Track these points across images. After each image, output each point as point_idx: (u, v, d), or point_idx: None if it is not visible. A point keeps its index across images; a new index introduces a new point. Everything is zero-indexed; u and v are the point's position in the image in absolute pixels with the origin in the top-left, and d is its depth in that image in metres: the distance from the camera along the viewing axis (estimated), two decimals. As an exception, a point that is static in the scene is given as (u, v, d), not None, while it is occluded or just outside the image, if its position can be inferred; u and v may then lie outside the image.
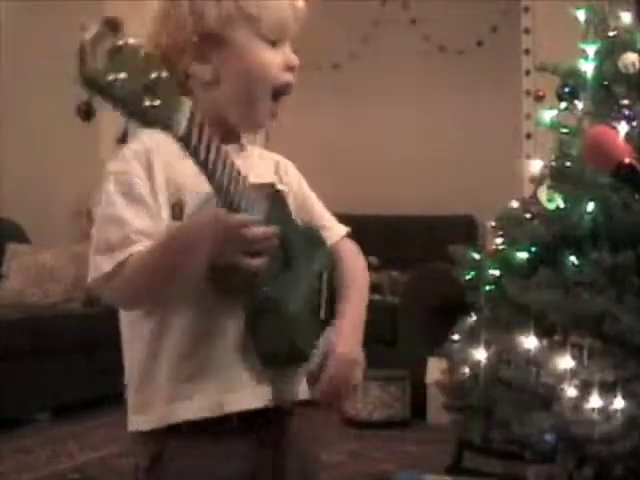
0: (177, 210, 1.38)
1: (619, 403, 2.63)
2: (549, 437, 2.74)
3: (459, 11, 6.11)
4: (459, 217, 5.85)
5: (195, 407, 1.39)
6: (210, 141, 1.17)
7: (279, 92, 1.48)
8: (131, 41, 1.02)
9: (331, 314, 1.50)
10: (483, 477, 3.19)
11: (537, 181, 3.23)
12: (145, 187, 1.36)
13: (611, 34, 3.18)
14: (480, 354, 2.98)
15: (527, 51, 5.87)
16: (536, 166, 3.30)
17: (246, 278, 1.30)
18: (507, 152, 5.85)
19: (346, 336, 1.46)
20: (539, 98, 3.53)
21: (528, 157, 5.57)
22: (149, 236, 1.33)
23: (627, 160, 1.41)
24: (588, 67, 3.16)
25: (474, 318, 3.22)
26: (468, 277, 3.31)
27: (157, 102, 1.04)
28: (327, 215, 1.64)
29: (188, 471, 1.41)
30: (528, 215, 3.19)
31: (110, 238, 1.34)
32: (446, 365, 3.30)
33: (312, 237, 1.53)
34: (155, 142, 1.36)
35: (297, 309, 1.40)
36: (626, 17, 3.20)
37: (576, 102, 3.20)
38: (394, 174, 6.15)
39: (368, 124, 6.35)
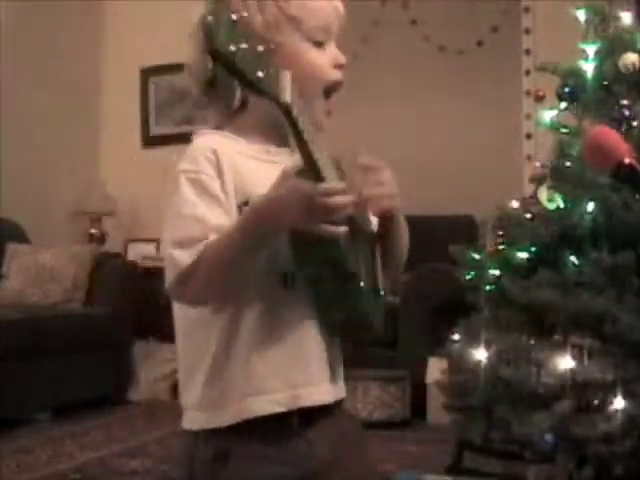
0: (244, 210, 1.39)
1: (619, 403, 2.63)
2: (549, 437, 2.74)
3: (459, 11, 6.12)
4: (459, 217, 5.84)
5: (269, 401, 1.40)
6: (304, 113, 1.20)
7: (330, 90, 1.52)
8: (244, 14, 1.09)
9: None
10: (483, 477, 3.19)
11: (537, 181, 3.23)
12: (216, 184, 1.40)
13: (611, 34, 3.18)
14: (480, 354, 2.98)
15: (527, 51, 5.88)
16: (537, 166, 3.30)
17: (327, 250, 1.32)
18: (507, 152, 5.87)
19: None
20: (539, 98, 3.54)
21: (528, 157, 5.58)
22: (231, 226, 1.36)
23: (627, 160, 1.41)
24: (588, 67, 3.16)
25: (474, 318, 3.22)
26: (468, 277, 3.31)
27: (268, 71, 1.10)
28: None
29: (256, 473, 1.41)
30: (528, 215, 3.19)
31: (187, 234, 1.37)
32: (446, 365, 3.30)
33: (362, 212, 1.55)
34: (218, 143, 1.41)
35: (365, 280, 1.43)
36: (626, 17, 3.21)
37: (576, 102, 3.21)
38: (394, 174, 6.13)
39: (368, 124, 6.36)
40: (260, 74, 1.07)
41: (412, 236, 1.58)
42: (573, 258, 2.91)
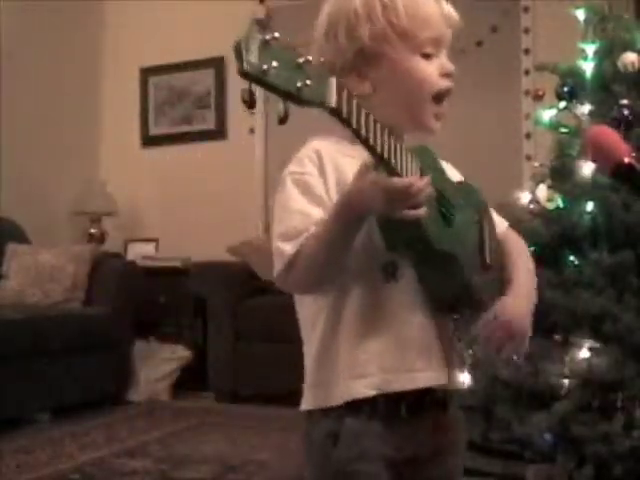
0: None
1: (619, 403, 2.63)
2: (549, 437, 2.74)
3: (458, 11, 6.09)
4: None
5: (364, 385, 1.47)
6: (360, 111, 1.22)
7: (440, 97, 1.57)
8: (277, 35, 1.10)
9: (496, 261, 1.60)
10: (483, 477, 3.18)
11: (536, 181, 3.23)
12: (319, 185, 1.49)
13: (610, 34, 3.18)
14: (479, 354, 2.98)
15: (527, 51, 5.88)
16: (536, 166, 3.30)
17: (412, 230, 1.37)
18: (507, 152, 5.86)
19: (519, 304, 1.56)
20: (538, 97, 3.53)
21: (528, 157, 5.58)
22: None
23: (626, 160, 1.41)
24: (587, 67, 3.16)
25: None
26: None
27: (308, 82, 1.12)
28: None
29: (363, 452, 1.48)
30: (528, 215, 3.19)
31: (292, 226, 1.46)
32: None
33: (468, 190, 1.63)
34: (322, 145, 1.52)
35: (466, 256, 1.49)
36: (625, 17, 3.20)
37: (575, 102, 3.20)
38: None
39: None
40: (299, 84, 1.11)
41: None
42: (573, 258, 2.91)
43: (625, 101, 3.01)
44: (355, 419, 1.48)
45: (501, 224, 1.73)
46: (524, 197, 3.27)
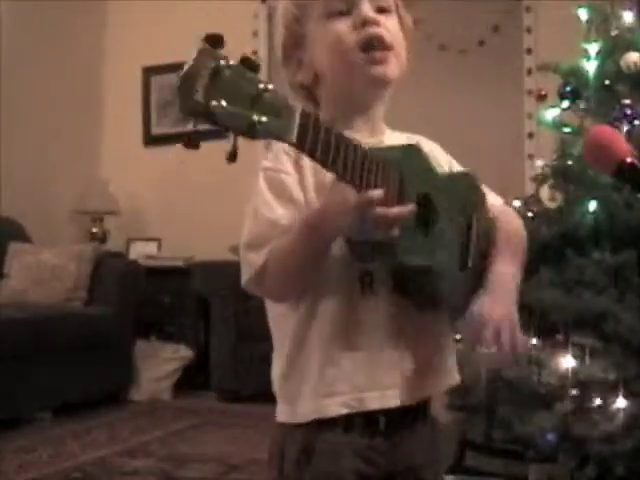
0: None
1: (621, 402, 2.63)
2: (551, 437, 2.73)
3: (460, 10, 6.10)
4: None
5: (337, 404, 1.43)
6: (328, 138, 1.16)
7: (367, 47, 1.48)
8: (231, 63, 1.03)
9: (482, 259, 1.53)
10: (485, 476, 3.18)
11: (539, 180, 3.23)
12: (294, 184, 1.43)
13: (613, 33, 3.18)
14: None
15: (529, 50, 5.88)
16: (538, 165, 3.29)
17: (381, 247, 1.33)
18: (509, 151, 5.86)
19: (497, 300, 1.46)
20: (541, 97, 3.52)
21: (530, 157, 5.58)
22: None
23: (629, 159, 1.40)
24: (590, 66, 3.16)
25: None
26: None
27: (264, 118, 1.05)
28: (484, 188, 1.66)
29: (339, 470, 1.44)
30: (530, 214, 3.18)
31: (259, 234, 1.41)
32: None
33: (457, 186, 1.55)
34: None
35: (445, 262, 1.43)
36: (628, 16, 3.20)
37: (578, 101, 3.20)
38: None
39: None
40: (255, 119, 1.04)
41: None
42: (575, 257, 2.90)
43: (627, 101, 3.01)
44: (331, 433, 1.44)
45: (495, 201, 1.66)
46: (526, 197, 3.27)
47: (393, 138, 1.60)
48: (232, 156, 1.07)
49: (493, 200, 1.65)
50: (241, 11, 6.63)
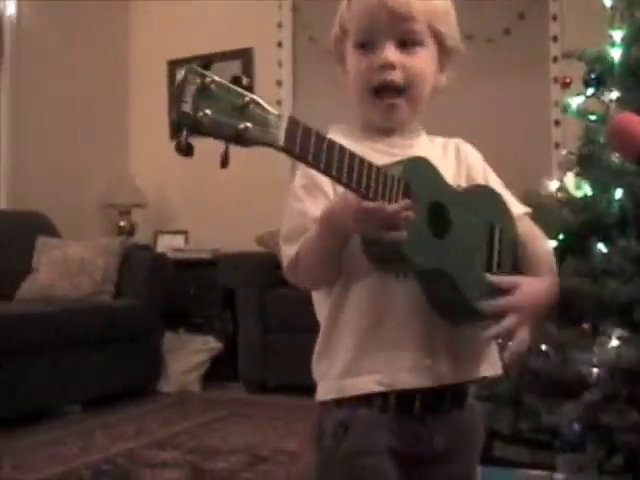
0: None
1: (648, 391, 2.61)
2: (578, 426, 2.72)
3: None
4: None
5: (370, 381, 1.48)
6: (319, 143, 1.20)
7: (378, 91, 1.55)
8: (216, 79, 1.11)
9: (506, 266, 1.56)
10: (513, 466, 3.17)
11: (565, 168, 3.20)
12: (327, 180, 1.45)
13: (638, 19, 3.14)
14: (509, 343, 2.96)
15: (555, 38, 5.84)
16: (564, 153, 3.26)
17: (391, 249, 1.35)
18: (536, 140, 5.83)
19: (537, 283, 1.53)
20: (566, 85, 3.49)
21: (557, 145, 5.55)
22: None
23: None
24: (615, 53, 3.12)
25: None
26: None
27: (249, 124, 1.11)
28: (507, 194, 1.67)
29: (372, 444, 1.49)
30: (556, 203, 3.15)
31: (293, 228, 1.50)
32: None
33: (477, 195, 1.57)
34: (337, 136, 1.43)
35: (462, 267, 1.46)
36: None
37: (603, 88, 3.17)
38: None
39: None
40: (241, 126, 1.11)
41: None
42: (601, 246, 2.87)
43: (654, 87, 2.98)
44: (368, 411, 1.49)
45: (516, 209, 1.66)
46: (552, 185, 3.24)
47: (427, 142, 1.66)
48: (224, 163, 1.14)
49: (515, 209, 1.66)
50: (265, 4, 6.63)
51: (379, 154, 1.45)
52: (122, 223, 6.79)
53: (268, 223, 5.67)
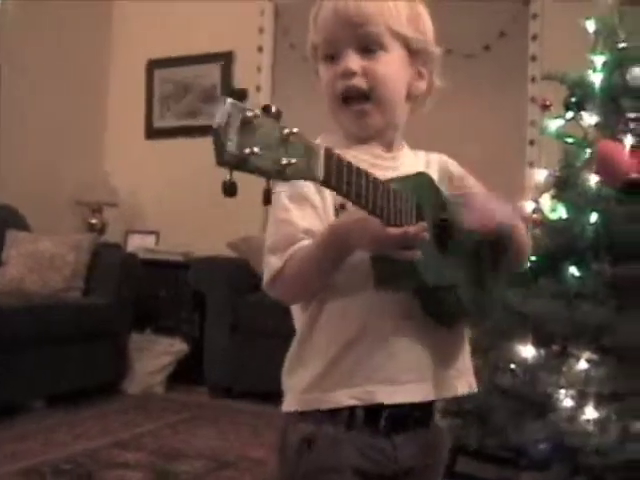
0: (341, 212, 1.47)
1: (614, 416, 2.63)
2: (544, 446, 2.74)
3: (467, 15, 6.11)
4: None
5: (345, 395, 1.46)
6: (350, 172, 1.19)
7: (346, 99, 1.55)
8: (258, 111, 1.05)
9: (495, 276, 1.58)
10: (476, 482, 3.19)
11: (541, 190, 3.23)
12: (311, 188, 1.48)
13: (620, 46, 3.18)
14: (478, 361, 2.98)
15: (533, 57, 5.88)
16: (540, 175, 3.29)
17: (404, 268, 1.35)
18: (511, 158, 5.86)
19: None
20: (545, 107, 3.52)
21: (531, 164, 5.58)
22: (315, 235, 1.44)
23: (635, 175, 1.42)
24: (596, 78, 3.16)
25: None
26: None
27: (293, 160, 1.08)
28: None
29: (337, 461, 1.47)
30: (530, 224, 3.18)
31: (279, 239, 1.47)
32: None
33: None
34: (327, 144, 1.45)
35: (465, 278, 1.48)
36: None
37: (583, 113, 3.20)
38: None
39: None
40: (284, 161, 1.07)
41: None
42: (574, 269, 2.91)
43: (632, 115, 3.01)
44: (333, 427, 1.47)
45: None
46: (527, 206, 3.27)
47: (410, 157, 1.66)
48: (267, 200, 1.11)
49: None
50: (247, 7, 6.63)
51: (365, 164, 1.45)
52: (93, 221, 6.75)
53: (240, 228, 5.68)
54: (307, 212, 1.47)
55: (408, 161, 1.62)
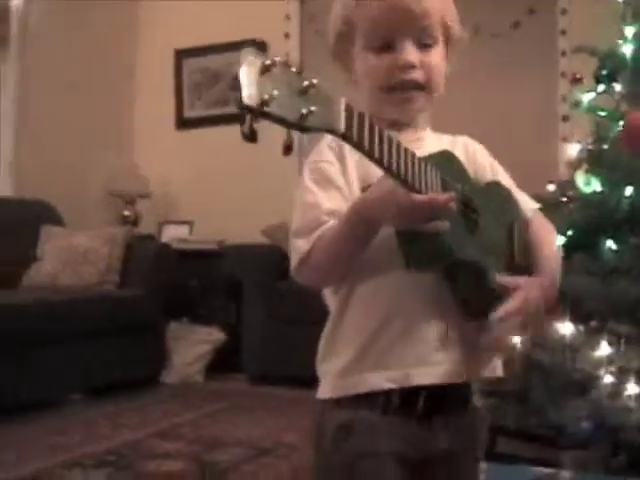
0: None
1: (657, 391, 2.60)
2: (584, 424, 2.71)
3: (496, -8, 6.06)
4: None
5: (382, 377, 1.46)
6: (372, 130, 1.18)
7: (402, 88, 1.55)
8: (277, 58, 1.05)
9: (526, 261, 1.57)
10: (518, 462, 3.16)
11: (574, 164, 3.18)
12: (337, 172, 1.49)
13: (651, 15, 3.13)
14: (515, 339, 2.94)
15: (563, 32, 5.82)
16: (573, 149, 3.24)
17: (432, 242, 1.34)
18: (544, 135, 5.81)
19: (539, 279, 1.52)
20: (576, 81, 3.47)
21: (564, 140, 5.52)
22: (341, 216, 1.43)
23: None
24: (627, 49, 3.10)
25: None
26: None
27: (313, 108, 1.07)
28: (517, 191, 1.69)
29: (375, 447, 1.47)
30: (565, 199, 3.14)
31: (305, 222, 1.47)
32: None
33: (495, 192, 1.60)
34: None
35: (492, 262, 1.47)
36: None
37: (614, 85, 3.15)
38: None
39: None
40: (304, 111, 1.06)
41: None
42: (610, 243, 2.86)
43: (665, 84, 2.96)
44: (370, 412, 1.47)
45: (526, 205, 1.68)
46: (561, 181, 3.23)
47: (435, 138, 1.65)
48: (288, 148, 1.10)
49: (525, 204, 1.68)
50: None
51: None
52: (127, 213, 6.77)
53: (274, 215, 5.66)
54: (332, 194, 1.47)
55: (432, 142, 1.61)
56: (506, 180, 1.67)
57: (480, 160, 1.66)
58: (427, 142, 1.59)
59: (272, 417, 4.60)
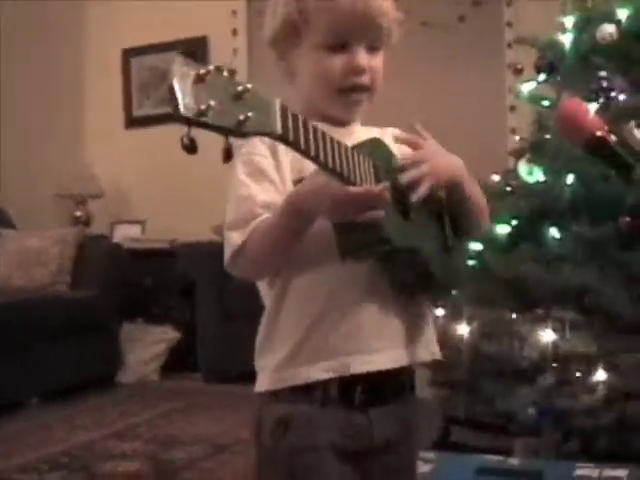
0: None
1: (601, 375, 2.63)
2: (533, 411, 2.74)
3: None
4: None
5: (320, 368, 1.45)
6: (306, 129, 1.19)
7: (347, 92, 1.55)
8: (210, 67, 1.04)
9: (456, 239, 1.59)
10: (470, 451, 3.19)
11: (517, 154, 3.22)
12: (270, 164, 1.48)
13: (589, 6, 3.17)
14: (463, 329, 2.98)
15: (509, 24, 5.85)
16: (516, 139, 3.29)
17: (370, 232, 1.34)
18: (493, 126, 5.85)
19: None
20: (517, 72, 3.51)
21: (512, 131, 5.57)
22: (276, 208, 1.42)
23: (598, 133, 1.40)
24: (566, 39, 3.14)
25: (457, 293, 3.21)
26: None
27: (250, 113, 1.07)
28: None
29: (314, 441, 1.47)
30: (508, 189, 3.18)
31: (239, 214, 1.46)
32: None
33: None
34: None
35: (428, 245, 1.48)
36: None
37: (554, 74, 3.19)
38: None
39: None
40: (241, 117, 1.06)
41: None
42: (554, 231, 2.90)
43: (603, 73, 3.00)
44: (308, 406, 1.46)
45: None
46: (504, 171, 3.27)
47: (363, 131, 1.64)
48: (228, 156, 1.11)
49: None
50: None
51: None
52: (78, 213, 6.72)
53: (224, 213, 5.64)
54: (266, 187, 1.46)
55: (363, 135, 1.59)
56: None
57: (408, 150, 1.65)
58: (359, 135, 1.57)
59: (229, 414, 4.59)
